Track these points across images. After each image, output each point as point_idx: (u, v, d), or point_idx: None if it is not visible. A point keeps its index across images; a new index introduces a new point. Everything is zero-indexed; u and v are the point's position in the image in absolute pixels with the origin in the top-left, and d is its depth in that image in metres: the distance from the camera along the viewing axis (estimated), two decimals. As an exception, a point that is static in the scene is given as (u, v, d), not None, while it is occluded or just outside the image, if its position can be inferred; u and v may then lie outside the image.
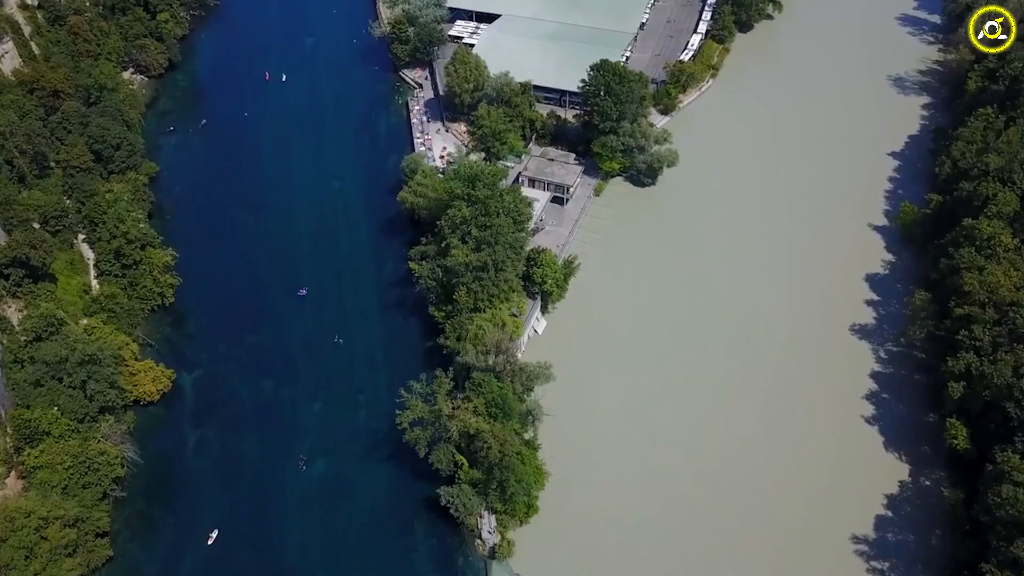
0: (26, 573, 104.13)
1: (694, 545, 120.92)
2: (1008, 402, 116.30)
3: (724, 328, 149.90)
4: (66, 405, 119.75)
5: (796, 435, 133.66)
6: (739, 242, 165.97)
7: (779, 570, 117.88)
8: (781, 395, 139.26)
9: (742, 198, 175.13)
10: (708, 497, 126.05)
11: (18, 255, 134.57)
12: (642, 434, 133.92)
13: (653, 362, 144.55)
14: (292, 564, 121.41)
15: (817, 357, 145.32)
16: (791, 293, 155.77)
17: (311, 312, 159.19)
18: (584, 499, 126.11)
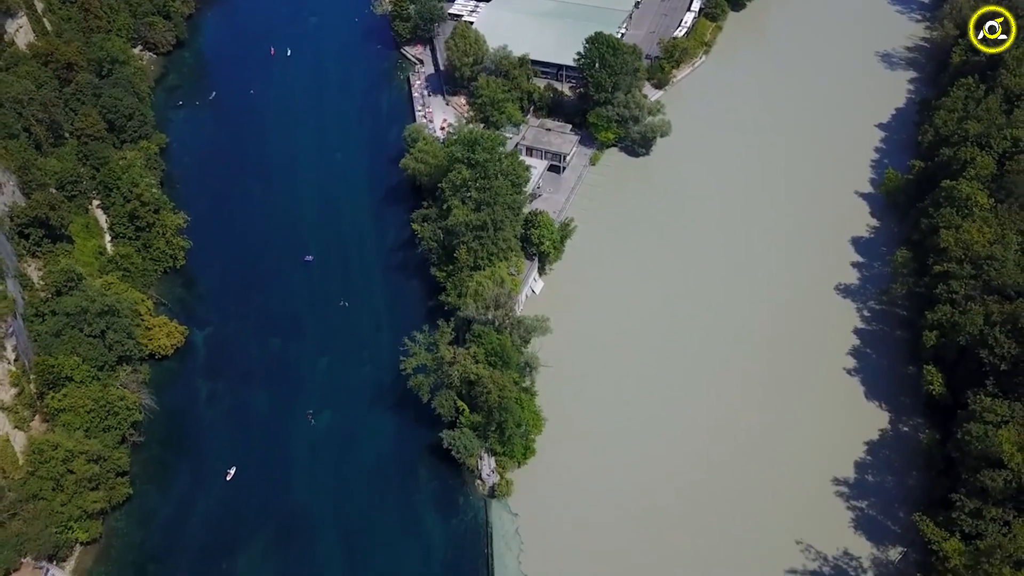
0: (54, 503, 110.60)
1: (683, 487, 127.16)
2: (980, 348, 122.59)
3: (714, 287, 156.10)
4: (86, 353, 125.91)
5: (782, 387, 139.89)
6: (729, 209, 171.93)
7: (765, 509, 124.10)
8: (768, 350, 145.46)
9: (733, 167, 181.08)
10: (697, 444, 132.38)
11: (38, 215, 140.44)
12: (635, 385, 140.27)
13: (646, 320, 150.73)
14: (302, 504, 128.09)
15: (804, 315, 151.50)
16: (779, 256, 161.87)
17: (317, 277, 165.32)
18: (579, 444, 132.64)
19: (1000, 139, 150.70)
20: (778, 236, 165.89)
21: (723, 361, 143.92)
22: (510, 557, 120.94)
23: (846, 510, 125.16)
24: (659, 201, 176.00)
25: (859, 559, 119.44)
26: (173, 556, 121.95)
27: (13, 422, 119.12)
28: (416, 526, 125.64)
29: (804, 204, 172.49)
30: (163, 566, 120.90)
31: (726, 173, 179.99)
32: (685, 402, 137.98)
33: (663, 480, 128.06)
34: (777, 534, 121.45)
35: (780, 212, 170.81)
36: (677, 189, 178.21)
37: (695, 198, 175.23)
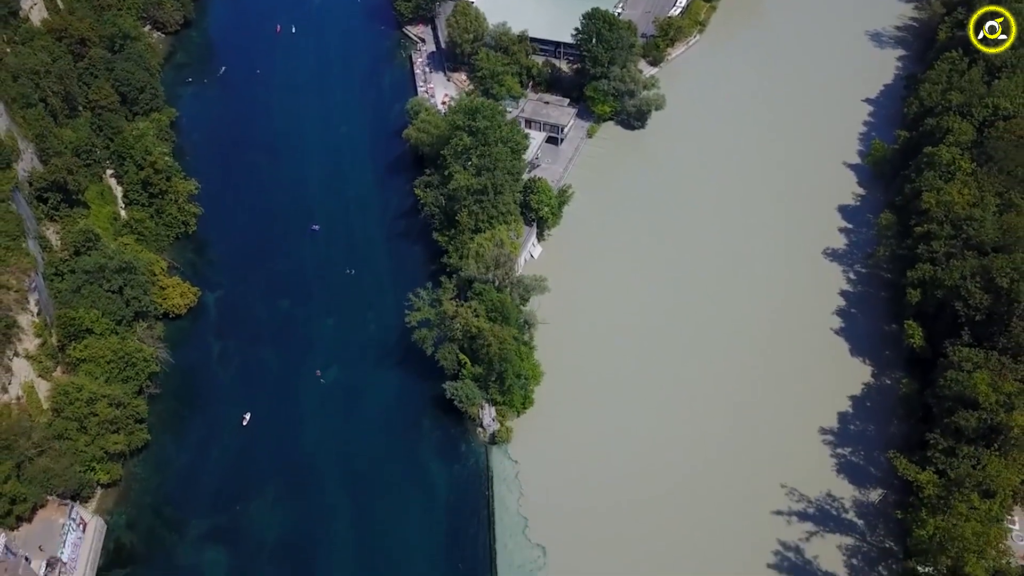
0: (78, 443, 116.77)
1: (674, 438, 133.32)
2: (957, 301, 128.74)
3: (706, 253, 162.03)
4: (105, 307, 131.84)
5: (771, 344, 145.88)
6: (721, 179, 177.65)
7: (752, 457, 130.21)
8: (758, 311, 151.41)
9: (725, 141, 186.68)
10: (687, 397, 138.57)
11: (57, 179, 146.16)
12: (630, 343, 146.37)
13: (641, 283, 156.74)
14: (311, 451, 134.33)
15: (793, 278, 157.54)
16: (769, 223, 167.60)
17: (323, 244, 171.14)
18: (575, 396, 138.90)
19: (981, 108, 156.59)
20: (768, 205, 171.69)
21: (714, 320, 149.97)
22: (510, 499, 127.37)
23: (829, 457, 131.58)
24: (654, 172, 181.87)
25: (841, 500, 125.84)
26: (189, 499, 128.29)
27: (37, 371, 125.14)
28: (420, 471, 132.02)
29: (794, 175, 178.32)
30: (179, 509, 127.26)
31: (718, 146, 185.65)
32: (677, 359, 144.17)
33: (656, 430, 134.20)
34: (763, 479, 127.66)
35: (770, 183, 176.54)
36: (671, 160, 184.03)
37: (689, 169, 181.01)
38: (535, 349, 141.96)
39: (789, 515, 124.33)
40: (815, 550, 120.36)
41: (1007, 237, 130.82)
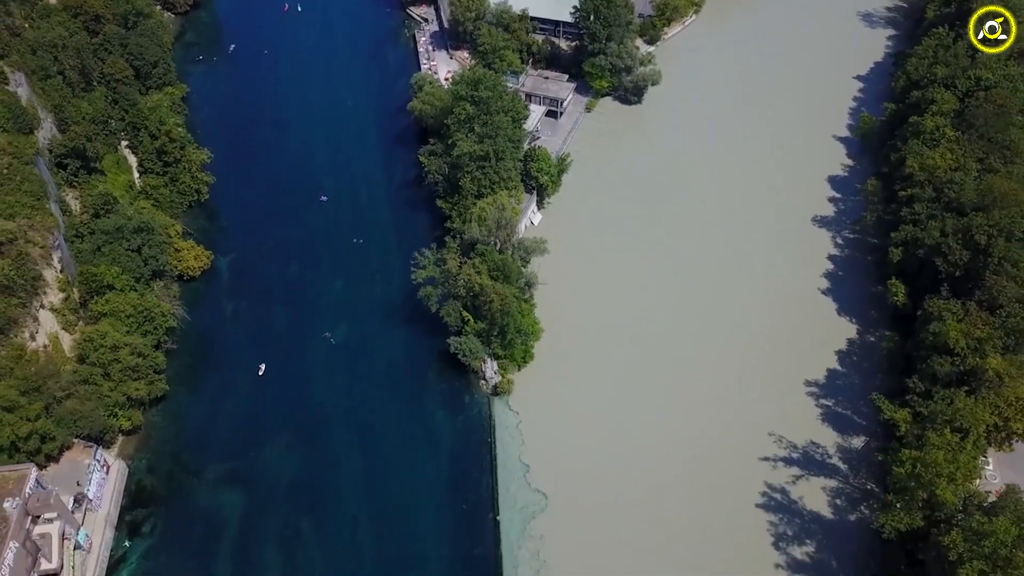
0: (102, 388, 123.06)
1: (667, 392, 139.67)
2: (937, 258, 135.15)
3: (700, 220, 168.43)
4: (125, 265, 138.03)
5: (762, 304, 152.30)
6: (715, 153, 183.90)
7: (741, 409, 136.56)
8: (749, 273, 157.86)
9: (719, 116, 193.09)
10: (682, 354, 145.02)
11: (76, 145, 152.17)
12: (626, 304, 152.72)
13: (637, 248, 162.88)
14: (321, 404, 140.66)
15: (783, 242, 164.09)
16: (761, 193, 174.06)
17: (331, 213, 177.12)
18: (573, 353, 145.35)
19: (964, 79, 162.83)
20: (760, 176, 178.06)
21: (706, 282, 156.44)
22: (512, 445, 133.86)
23: (816, 408, 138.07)
24: (650, 145, 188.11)
25: (825, 447, 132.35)
26: (206, 446, 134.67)
27: (61, 323, 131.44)
28: (426, 420, 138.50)
29: (785, 147, 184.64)
30: (197, 454, 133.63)
31: (713, 120, 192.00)
32: (671, 318, 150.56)
33: (650, 384, 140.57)
34: (752, 428, 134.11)
35: (762, 155, 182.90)
36: (667, 134, 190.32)
37: (683, 142, 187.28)
38: (535, 307, 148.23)
39: (776, 460, 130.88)
40: (800, 492, 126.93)
41: (985, 198, 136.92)
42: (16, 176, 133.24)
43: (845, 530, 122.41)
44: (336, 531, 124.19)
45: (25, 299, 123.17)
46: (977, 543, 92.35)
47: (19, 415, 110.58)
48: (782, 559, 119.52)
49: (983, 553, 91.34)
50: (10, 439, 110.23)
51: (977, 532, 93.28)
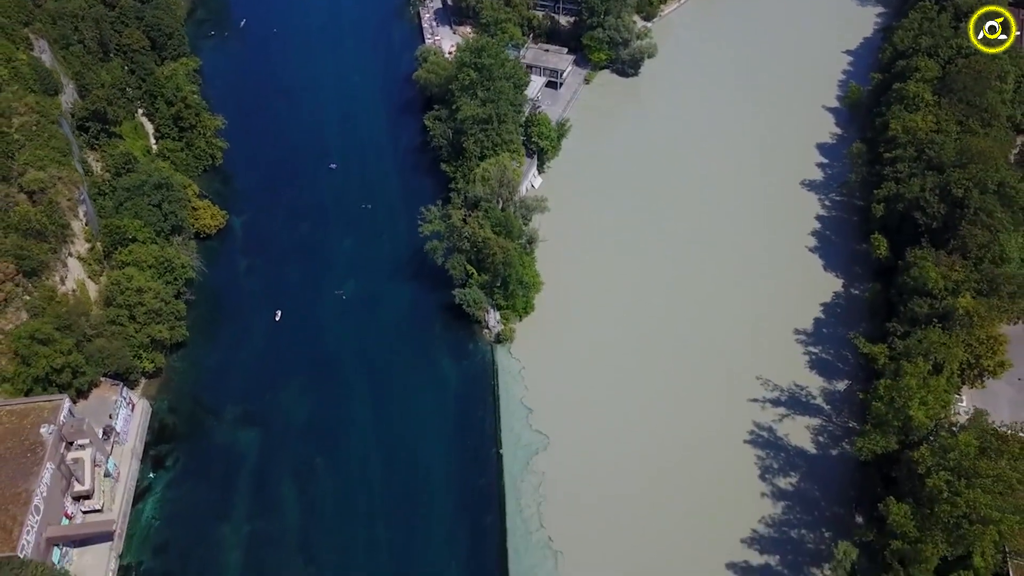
0: (128, 330, 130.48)
1: (661, 339, 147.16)
2: (917, 212, 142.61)
3: (694, 184, 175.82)
4: (147, 218, 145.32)
5: (752, 260, 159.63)
6: (708, 122, 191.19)
7: (731, 355, 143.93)
8: (740, 232, 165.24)
9: (713, 87, 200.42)
10: (675, 305, 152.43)
11: (97, 108, 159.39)
12: (622, 260, 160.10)
13: (634, 210, 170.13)
14: (333, 352, 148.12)
15: (774, 204, 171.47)
16: (753, 159, 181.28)
17: (340, 179, 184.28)
18: (572, 303, 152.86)
19: (947, 48, 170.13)
20: (751, 143, 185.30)
21: (699, 241, 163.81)
22: (515, 389, 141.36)
23: (802, 354, 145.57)
24: (646, 114, 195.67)
25: (810, 389, 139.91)
26: (224, 389, 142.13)
27: (87, 272, 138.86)
28: (432, 366, 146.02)
29: (776, 117, 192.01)
30: (215, 396, 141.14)
31: (706, 92, 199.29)
32: (665, 273, 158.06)
33: (645, 333, 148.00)
34: (741, 373, 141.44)
35: (754, 124, 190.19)
36: (662, 104, 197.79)
37: (678, 112, 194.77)
38: (536, 261, 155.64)
39: (763, 402, 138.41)
40: (786, 429, 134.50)
41: (963, 156, 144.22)
42: (44, 133, 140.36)
43: (827, 463, 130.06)
44: (348, 465, 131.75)
45: (55, 245, 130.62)
46: (943, 456, 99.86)
47: (54, 348, 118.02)
48: (768, 489, 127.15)
49: (949, 466, 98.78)
50: (45, 370, 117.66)
51: (943, 447, 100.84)
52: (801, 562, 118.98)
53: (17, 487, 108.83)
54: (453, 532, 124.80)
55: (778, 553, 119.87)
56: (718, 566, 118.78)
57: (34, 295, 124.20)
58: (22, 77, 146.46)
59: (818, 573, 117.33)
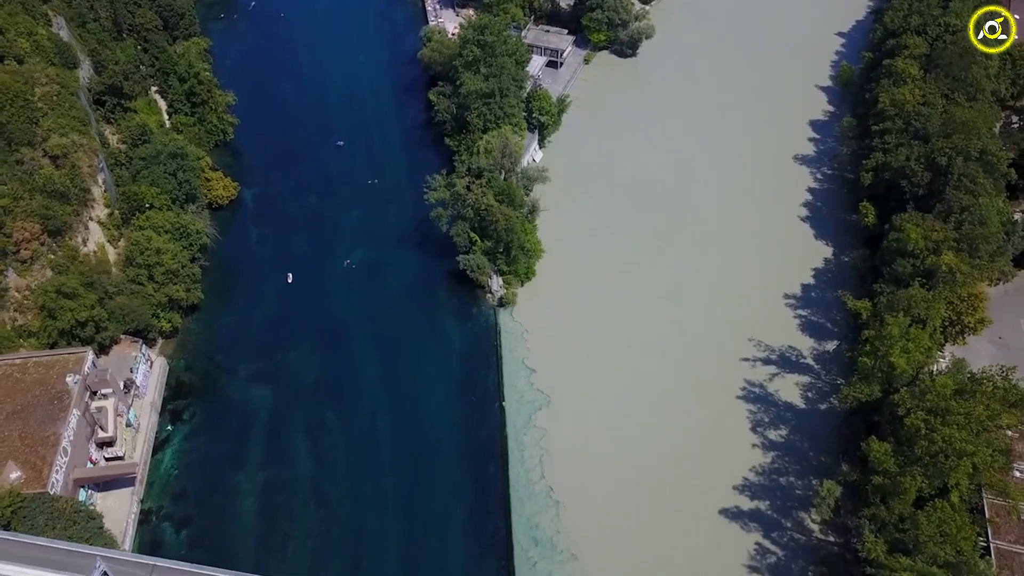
0: (147, 289, 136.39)
1: (658, 304, 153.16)
2: (903, 179, 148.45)
3: (689, 158, 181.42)
4: (163, 186, 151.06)
5: (745, 229, 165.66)
6: (704, 101, 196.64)
7: (725, 318, 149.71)
8: (734, 203, 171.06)
9: (709, 68, 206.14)
10: (670, 270, 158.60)
11: (114, 83, 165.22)
12: (621, 229, 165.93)
13: (632, 183, 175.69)
14: (342, 315, 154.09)
15: (767, 177, 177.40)
16: (747, 134, 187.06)
17: (347, 156, 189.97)
18: (572, 269, 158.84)
19: (934, 26, 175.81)
20: (747, 121, 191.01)
21: (694, 211, 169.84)
22: (517, 350, 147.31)
23: (793, 318, 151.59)
24: (644, 93, 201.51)
25: (800, 349, 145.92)
26: (237, 349, 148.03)
27: (106, 236, 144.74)
28: (438, 328, 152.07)
29: (770, 95, 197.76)
30: (229, 356, 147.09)
31: (703, 72, 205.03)
32: (662, 240, 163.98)
33: (642, 297, 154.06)
34: (734, 335, 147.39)
35: (748, 102, 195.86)
36: (660, 84, 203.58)
37: (675, 91, 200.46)
38: (537, 229, 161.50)
39: (755, 361, 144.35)
40: (776, 386, 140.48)
41: (947, 127, 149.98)
42: (65, 103, 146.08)
43: (815, 416, 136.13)
44: (357, 419, 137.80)
45: (77, 208, 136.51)
46: (922, 398, 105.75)
47: (78, 303, 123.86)
48: (758, 440, 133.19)
49: (926, 407, 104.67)
50: (70, 323, 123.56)
51: (922, 390, 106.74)
52: (789, 507, 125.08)
53: (46, 431, 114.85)
54: (459, 480, 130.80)
55: (768, 499, 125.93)
56: (711, 511, 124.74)
57: (58, 254, 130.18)
58: (43, 50, 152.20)
59: (806, 517, 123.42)
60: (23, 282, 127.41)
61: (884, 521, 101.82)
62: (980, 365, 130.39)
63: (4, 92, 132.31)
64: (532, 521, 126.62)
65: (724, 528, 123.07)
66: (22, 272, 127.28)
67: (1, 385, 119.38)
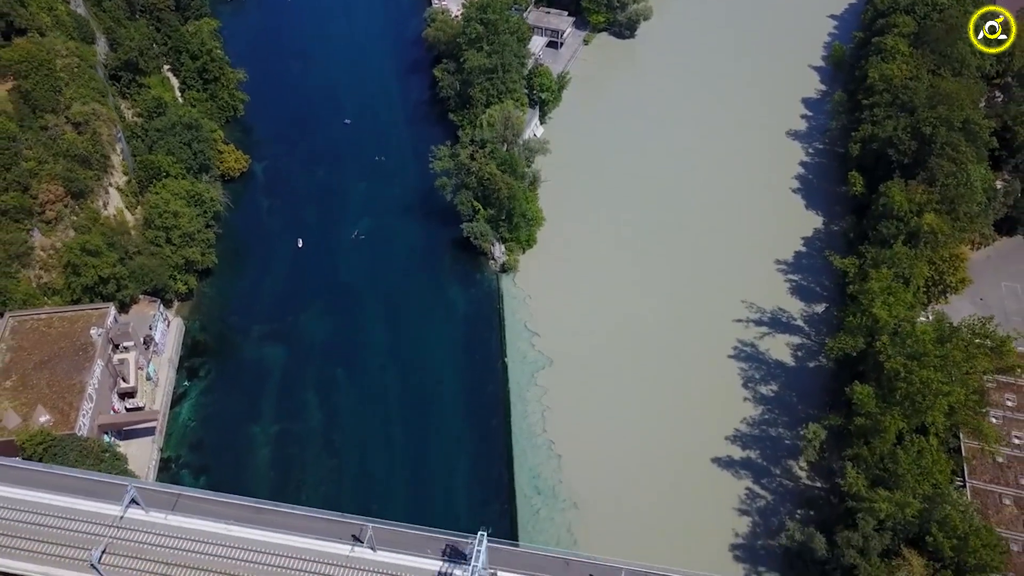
0: (164, 251, 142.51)
1: (655, 267, 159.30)
2: (890, 149, 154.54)
3: (685, 134, 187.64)
4: (179, 155, 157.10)
5: (739, 200, 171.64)
6: (701, 79, 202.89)
7: (719, 282, 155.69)
8: (728, 175, 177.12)
9: (705, 48, 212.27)
10: (665, 239, 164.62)
11: (130, 58, 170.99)
12: (621, 196, 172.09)
13: (631, 155, 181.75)
14: (350, 281, 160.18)
15: (759, 151, 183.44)
16: (741, 111, 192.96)
17: (354, 131, 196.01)
18: (572, 239, 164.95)
19: (923, 5, 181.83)
20: (741, 98, 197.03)
21: (689, 184, 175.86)
22: (519, 313, 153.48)
23: (784, 282, 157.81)
24: (642, 73, 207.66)
25: (790, 312, 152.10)
26: (250, 311, 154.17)
27: (125, 203, 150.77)
28: (442, 294, 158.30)
29: (765, 75, 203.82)
30: (243, 318, 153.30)
31: (699, 53, 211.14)
32: (659, 209, 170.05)
33: (639, 263, 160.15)
34: (727, 298, 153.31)
35: (744, 81, 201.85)
36: (657, 63, 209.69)
37: (672, 70, 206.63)
38: (538, 199, 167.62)
39: (747, 322, 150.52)
40: (767, 345, 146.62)
41: (933, 100, 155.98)
42: (84, 75, 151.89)
43: (804, 373, 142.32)
44: (366, 376, 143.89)
45: (98, 172, 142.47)
46: (902, 344, 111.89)
47: (101, 260, 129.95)
48: (749, 395, 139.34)
49: (906, 352, 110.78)
50: (93, 279, 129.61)
51: (902, 336, 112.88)
52: (779, 456, 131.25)
53: (72, 379, 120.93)
54: (463, 432, 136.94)
55: (758, 448, 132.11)
56: (704, 460, 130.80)
57: (80, 216, 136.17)
58: (63, 25, 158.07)
59: (794, 464, 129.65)
60: (47, 241, 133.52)
61: (866, 460, 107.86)
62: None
63: (29, 61, 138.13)
64: (534, 471, 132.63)
65: (717, 476, 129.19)
66: (47, 232, 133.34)
67: (28, 338, 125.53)
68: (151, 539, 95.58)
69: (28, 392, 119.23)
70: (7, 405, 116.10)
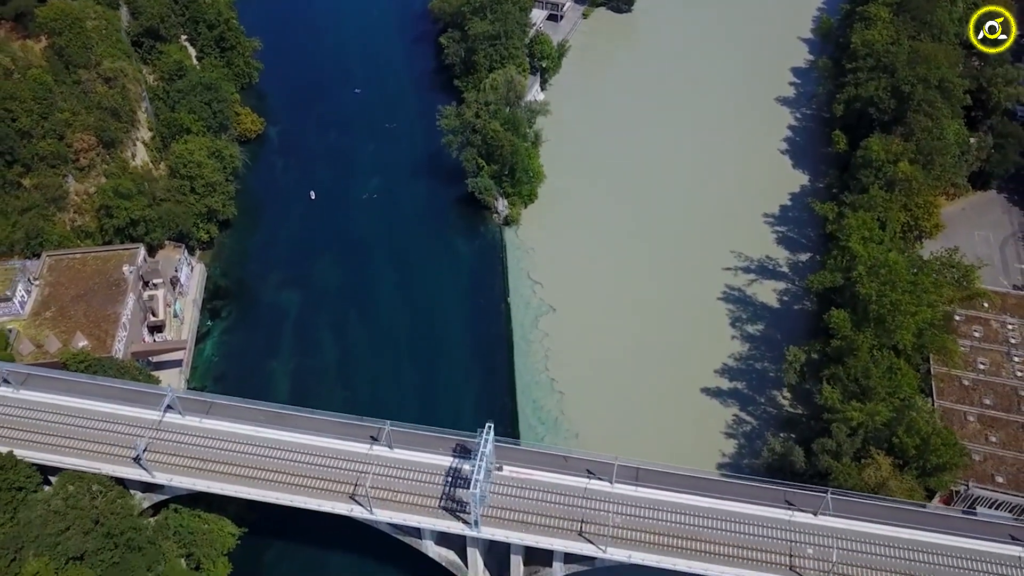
0: (188, 199, 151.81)
1: (650, 220, 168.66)
2: (871, 108, 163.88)
3: (680, 99, 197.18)
4: (200, 113, 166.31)
5: (731, 161, 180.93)
6: (694, 49, 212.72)
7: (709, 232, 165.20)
8: (719, 137, 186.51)
9: (699, 22, 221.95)
10: (660, 195, 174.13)
11: (151, 26, 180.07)
12: (619, 155, 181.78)
13: (627, 119, 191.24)
14: (360, 234, 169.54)
15: (749, 115, 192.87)
16: (733, 80, 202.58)
17: (364, 99, 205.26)
18: (571, 195, 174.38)
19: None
20: (733, 68, 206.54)
21: (682, 144, 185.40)
22: (523, 261, 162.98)
23: (770, 233, 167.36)
24: (637, 44, 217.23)
25: (776, 260, 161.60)
26: (267, 259, 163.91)
27: (150, 157, 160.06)
28: (448, 244, 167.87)
29: (755, 46, 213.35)
30: (260, 265, 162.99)
31: (693, 26, 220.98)
32: (653, 170, 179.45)
33: (636, 215, 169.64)
34: (716, 246, 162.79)
35: (736, 51, 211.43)
36: (653, 35, 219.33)
37: (667, 42, 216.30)
38: (540, 155, 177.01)
39: (735, 270, 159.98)
40: (754, 290, 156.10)
41: (913, 61, 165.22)
42: (112, 36, 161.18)
43: (789, 315, 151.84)
44: (377, 318, 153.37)
45: (127, 125, 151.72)
46: (876, 272, 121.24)
47: (133, 203, 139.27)
48: (737, 333, 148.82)
49: (880, 280, 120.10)
50: (124, 221, 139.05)
51: (876, 266, 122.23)
52: (763, 386, 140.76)
53: (107, 310, 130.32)
54: (469, 367, 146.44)
55: (744, 380, 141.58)
56: (694, 391, 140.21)
57: (111, 164, 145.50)
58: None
59: (777, 394, 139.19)
60: (81, 187, 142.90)
61: (841, 378, 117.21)
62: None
63: (64, 18, 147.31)
64: (537, 404, 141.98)
65: (706, 404, 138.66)
66: (80, 178, 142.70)
67: (65, 275, 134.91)
68: (187, 439, 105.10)
69: (66, 321, 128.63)
70: (48, 332, 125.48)
